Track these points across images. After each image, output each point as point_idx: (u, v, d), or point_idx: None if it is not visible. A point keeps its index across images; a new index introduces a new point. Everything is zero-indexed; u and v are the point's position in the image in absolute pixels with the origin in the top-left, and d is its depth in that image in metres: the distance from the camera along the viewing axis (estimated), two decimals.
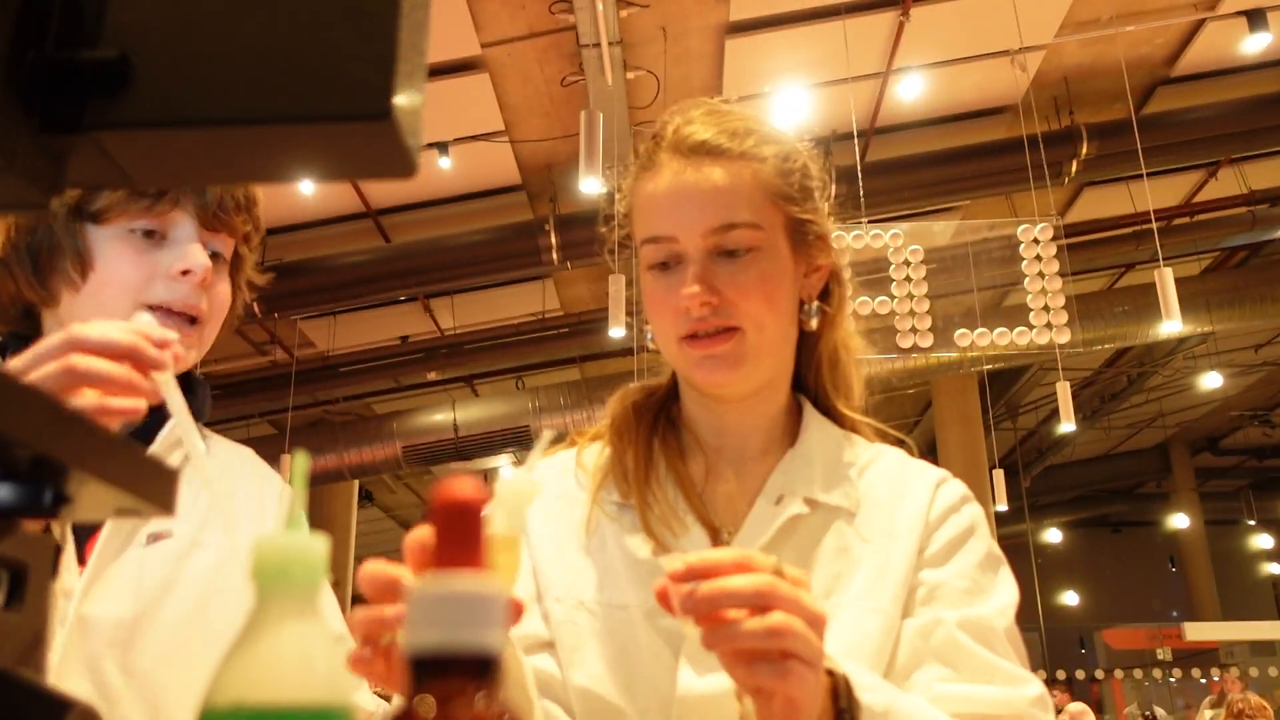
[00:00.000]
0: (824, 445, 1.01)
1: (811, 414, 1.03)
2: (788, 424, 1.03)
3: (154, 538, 0.98)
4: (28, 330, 1.00)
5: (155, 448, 0.99)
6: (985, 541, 0.98)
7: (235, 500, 1.04)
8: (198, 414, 1.05)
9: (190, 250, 0.95)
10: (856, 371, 1.07)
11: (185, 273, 0.95)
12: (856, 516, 0.97)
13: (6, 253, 0.97)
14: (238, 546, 0.99)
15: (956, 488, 1.02)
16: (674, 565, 0.66)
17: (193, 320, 0.98)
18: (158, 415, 1.01)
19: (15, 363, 0.76)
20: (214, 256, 0.99)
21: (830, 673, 0.71)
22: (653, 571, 0.91)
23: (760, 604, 0.64)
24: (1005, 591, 0.95)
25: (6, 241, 0.98)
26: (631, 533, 0.95)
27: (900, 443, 1.08)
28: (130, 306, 0.94)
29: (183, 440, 0.89)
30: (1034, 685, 0.88)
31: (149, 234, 0.95)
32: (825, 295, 1.03)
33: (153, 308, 0.95)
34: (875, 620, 0.91)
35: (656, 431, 1.02)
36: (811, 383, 1.05)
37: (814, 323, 1.00)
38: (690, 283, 0.91)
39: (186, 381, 1.06)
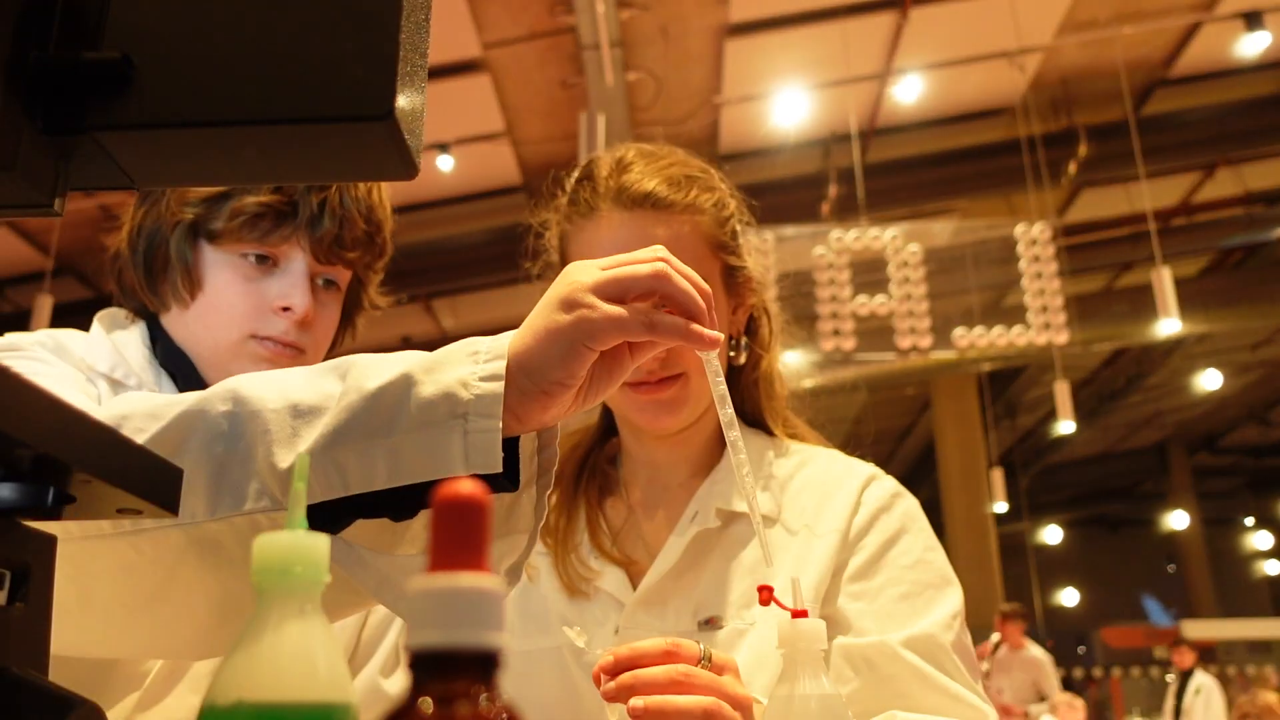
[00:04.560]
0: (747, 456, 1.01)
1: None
2: (715, 447, 1.04)
3: None
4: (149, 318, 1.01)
5: None
6: (921, 539, 0.96)
7: None
8: None
9: (295, 289, 0.94)
10: (783, 384, 1.08)
11: (286, 309, 0.95)
12: (778, 522, 0.97)
13: (126, 249, 0.98)
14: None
15: (886, 485, 1.01)
16: (605, 659, 0.71)
17: (296, 349, 0.98)
18: None
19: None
20: (327, 284, 0.99)
21: None
22: (580, 613, 0.97)
23: (679, 691, 0.68)
24: (948, 599, 0.93)
25: (128, 237, 0.98)
26: (557, 578, 1.00)
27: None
28: (235, 334, 0.95)
29: None
30: (991, 714, 0.87)
31: (261, 259, 0.95)
32: (752, 329, 1.05)
33: (256, 338, 0.96)
34: None
35: (582, 477, 1.05)
36: (749, 408, 1.06)
37: (742, 358, 1.02)
38: None
39: None
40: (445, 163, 6.40)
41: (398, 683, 1.01)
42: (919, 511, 1.00)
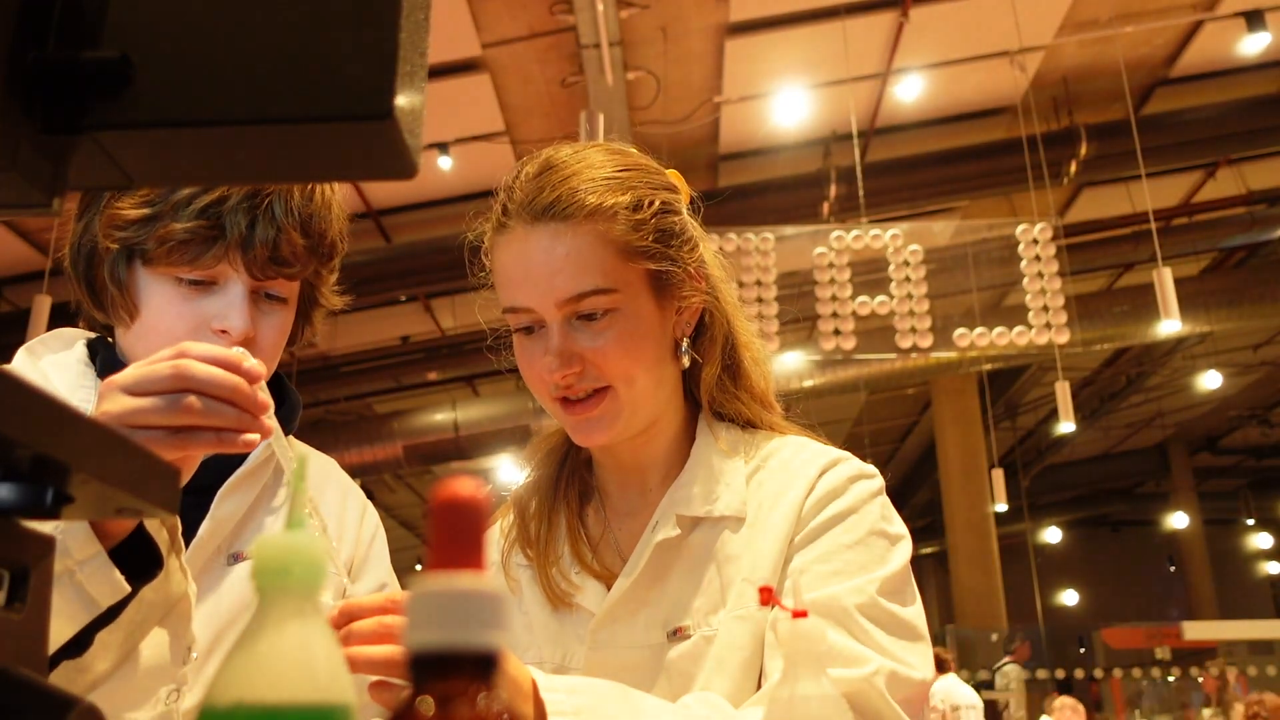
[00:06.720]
0: (709, 458, 0.98)
1: (702, 429, 1.01)
2: (683, 449, 1.01)
3: (235, 558, 0.96)
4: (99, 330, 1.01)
5: (248, 465, 0.97)
6: (869, 520, 0.92)
7: (319, 512, 1.02)
8: (288, 424, 1.04)
9: (231, 310, 0.92)
10: (760, 371, 1.04)
11: (224, 331, 0.92)
12: (745, 521, 0.95)
13: (69, 268, 0.96)
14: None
15: (846, 470, 0.96)
16: (331, 613, 0.74)
17: None
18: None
19: (124, 375, 0.76)
20: (270, 297, 0.96)
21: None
22: (561, 627, 0.96)
23: (380, 643, 0.71)
24: (879, 568, 0.88)
25: (69, 255, 0.96)
26: (540, 590, 0.99)
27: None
28: None
29: (281, 463, 0.90)
30: (873, 662, 0.82)
31: (196, 281, 0.92)
32: (701, 325, 1.00)
33: None
34: (741, 627, 0.89)
35: (561, 481, 1.04)
36: (710, 399, 1.02)
37: (685, 361, 0.97)
38: (550, 354, 0.91)
39: (280, 391, 1.05)
40: (445, 162, 6.40)
41: (361, 587, 1.02)
42: (878, 497, 0.95)
